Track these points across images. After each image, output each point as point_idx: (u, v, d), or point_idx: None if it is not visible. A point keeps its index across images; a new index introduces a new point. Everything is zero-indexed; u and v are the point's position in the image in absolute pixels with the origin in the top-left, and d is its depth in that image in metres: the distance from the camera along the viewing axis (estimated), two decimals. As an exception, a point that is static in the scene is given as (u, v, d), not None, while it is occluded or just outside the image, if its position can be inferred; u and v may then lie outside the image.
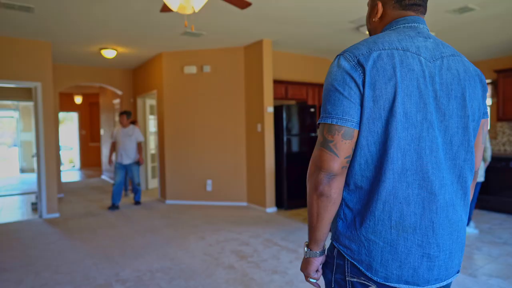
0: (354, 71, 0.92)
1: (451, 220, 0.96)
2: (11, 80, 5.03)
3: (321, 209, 0.97)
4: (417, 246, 0.93)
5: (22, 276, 3.13)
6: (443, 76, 0.96)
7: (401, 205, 0.92)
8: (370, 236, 0.94)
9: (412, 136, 0.91)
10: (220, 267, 3.26)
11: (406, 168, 0.92)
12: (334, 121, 0.93)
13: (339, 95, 0.93)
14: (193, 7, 2.74)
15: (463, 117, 0.97)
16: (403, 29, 1.01)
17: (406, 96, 0.91)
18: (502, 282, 2.90)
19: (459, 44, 5.32)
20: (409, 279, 0.93)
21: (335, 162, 0.93)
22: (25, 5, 3.75)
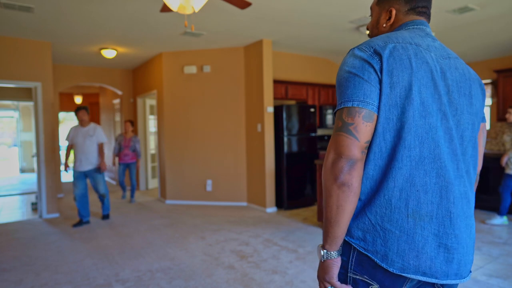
0: (371, 59, 0.92)
1: (465, 213, 0.95)
2: (11, 80, 5.03)
3: (342, 200, 0.90)
4: (434, 236, 0.90)
5: (22, 276, 3.13)
6: (452, 73, 0.98)
7: (418, 192, 0.90)
8: (386, 225, 0.91)
9: (430, 125, 0.91)
10: (220, 267, 3.26)
11: (424, 156, 0.91)
12: (356, 104, 0.90)
13: (359, 79, 0.92)
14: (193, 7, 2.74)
15: (471, 114, 0.99)
16: (413, 30, 1.04)
17: (423, 85, 0.91)
18: (502, 282, 2.90)
19: (459, 44, 5.32)
20: (427, 270, 0.90)
21: (355, 146, 0.89)
22: (25, 5, 3.75)
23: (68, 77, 7.09)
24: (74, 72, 7.14)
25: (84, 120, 4.83)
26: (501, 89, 5.64)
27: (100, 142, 4.92)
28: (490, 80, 6.07)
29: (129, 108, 7.79)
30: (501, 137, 6.02)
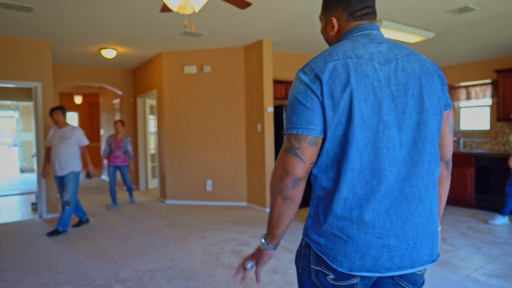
0: (313, 84, 1.00)
1: (415, 212, 1.02)
2: (11, 80, 5.03)
3: (285, 210, 1.05)
4: (377, 239, 0.99)
5: (22, 276, 3.13)
6: (398, 77, 1.02)
7: (360, 201, 0.99)
8: (335, 232, 1.01)
9: (368, 138, 0.98)
10: (220, 267, 3.26)
11: (364, 167, 0.99)
12: (300, 131, 1.01)
13: (302, 106, 1.01)
14: (193, 7, 2.74)
15: (422, 113, 1.03)
16: (357, 37, 1.08)
17: (362, 100, 0.98)
18: (502, 282, 2.90)
19: (459, 44, 5.32)
20: (371, 267, 1.00)
21: (301, 167, 1.01)
22: (25, 5, 3.75)
23: (68, 77, 7.09)
24: (74, 72, 7.14)
25: (59, 121, 4.46)
26: (501, 89, 5.64)
27: (82, 144, 4.57)
28: (490, 80, 6.07)
29: (129, 108, 7.79)
30: (501, 137, 6.02)
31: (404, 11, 4.00)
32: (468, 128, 6.55)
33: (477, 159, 5.59)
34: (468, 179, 5.66)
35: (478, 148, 6.30)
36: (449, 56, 6.01)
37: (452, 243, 3.90)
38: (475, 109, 6.54)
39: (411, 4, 3.80)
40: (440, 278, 2.98)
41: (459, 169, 5.73)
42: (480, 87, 6.33)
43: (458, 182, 5.74)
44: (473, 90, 6.42)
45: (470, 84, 6.45)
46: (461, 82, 6.53)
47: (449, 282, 2.90)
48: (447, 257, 3.48)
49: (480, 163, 5.56)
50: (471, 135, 6.47)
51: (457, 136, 6.64)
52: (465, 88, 6.55)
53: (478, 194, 5.59)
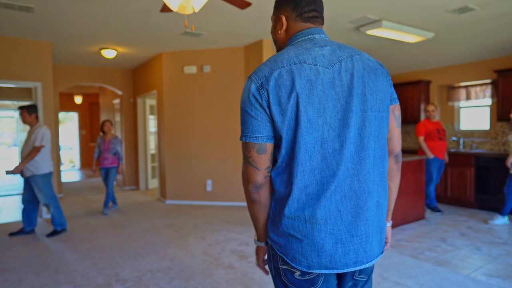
0: (257, 93, 1.05)
1: (364, 206, 1.07)
2: (11, 80, 5.03)
3: (256, 212, 1.15)
4: (330, 235, 1.04)
5: (22, 276, 3.13)
6: (342, 78, 1.06)
7: (312, 200, 1.04)
8: (290, 231, 1.07)
9: (315, 139, 1.03)
10: (220, 267, 3.26)
11: (314, 168, 1.04)
12: (248, 139, 1.07)
13: (248, 115, 1.07)
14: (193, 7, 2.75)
15: (365, 111, 1.07)
16: (300, 43, 1.13)
17: (308, 104, 1.02)
18: (502, 282, 2.91)
19: (459, 44, 5.32)
20: (328, 264, 1.05)
21: (257, 174, 1.09)
22: (25, 5, 3.76)
23: (68, 77, 7.09)
24: (74, 72, 7.14)
25: (25, 122, 4.27)
26: (501, 89, 5.64)
27: (35, 145, 4.13)
28: (490, 80, 6.07)
29: (129, 108, 7.79)
30: (501, 137, 6.02)
31: (404, 11, 4.00)
32: (468, 128, 6.56)
33: (477, 159, 5.59)
34: (468, 179, 5.66)
35: (478, 148, 6.30)
36: (449, 56, 6.01)
37: (452, 243, 3.91)
38: (475, 109, 6.55)
39: (411, 4, 3.80)
40: (440, 278, 2.98)
41: (459, 169, 5.74)
42: (480, 87, 6.33)
43: (458, 182, 5.74)
44: (473, 90, 6.42)
45: (470, 84, 6.45)
46: (461, 82, 6.53)
47: (449, 282, 2.90)
48: (447, 257, 3.48)
49: (480, 163, 5.56)
50: (470, 135, 6.47)
51: (456, 136, 6.65)
52: (465, 88, 6.55)
53: (478, 194, 5.59)
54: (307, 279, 1.09)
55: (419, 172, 4.86)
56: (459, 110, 6.78)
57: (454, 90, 6.73)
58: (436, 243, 3.91)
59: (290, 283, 1.12)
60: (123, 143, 7.80)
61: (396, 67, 7.04)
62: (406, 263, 3.32)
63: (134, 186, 7.92)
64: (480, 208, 5.56)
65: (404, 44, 5.32)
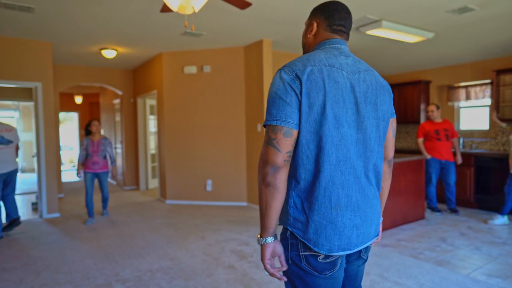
0: (293, 83, 1.14)
1: (369, 196, 1.24)
2: (11, 80, 5.04)
3: (269, 197, 1.16)
4: (349, 220, 1.18)
5: (22, 276, 3.13)
6: (360, 86, 1.21)
7: (337, 189, 1.16)
8: (316, 218, 1.16)
9: (342, 134, 1.16)
10: (220, 267, 3.26)
11: (339, 160, 1.16)
12: (278, 123, 1.14)
13: (281, 101, 1.14)
14: (193, 7, 2.75)
15: (376, 118, 1.24)
16: (329, 49, 1.27)
17: (334, 103, 1.15)
18: (501, 282, 2.91)
19: (459, 44, 5.32)
20: (345, 246, 1.18)
21: (278, 156, 1.14)
22: (26, 5, 3.76)
23: (68, 77, 7.09)
24: (74, 72, 7.14)
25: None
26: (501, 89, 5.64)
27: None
28: (489, 80, 6.07)
29: (129, 108, 7.79)
30: (501, 137, 6.03)
31: (404, 11, 4.01)
32: (468, 128, 6.56)
33: (476, 159, 5.59)
34: (468, 179, 5.66)
35: (478, 148, 6.31)
36: (449, 56, 6.01)
37: (452, 243, 3.91)
38: (474, 109, 6.55)
39: (410, 4, 3.81)
40: (440, 278, 2.99)
41: (459, 169, 5.74)
42: (480, 87, 6.34)
43: (458, 182, 5.74)
44: (473, 90, 6.42)
45: (470, 84, 6.45)
46: (461, 82, 6.53)
47: (449, 281, 2.91)
48: (447, 257, 3.48)
49: (479, 163, 5.56)
50: (470, 135, 6.47)
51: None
52: (464, 88, 6.55)
53: (477, 194, 5.59)
54: (330, 261, 1.19)
55: (419, 172, 4.87)
56: (459, 110, 6.78)
57: (454, 90, 6.74)
58: (436, 243, 3.91)
59: (312, 268, 1.19)
60: (123, 143, 7.81)
61: (396, 67, 7.04)
62: (406, 263, 3.33)
63: (134, 186, 7.92)
64: (480, 208, 5.57)
65: (404, 44, 5.32)
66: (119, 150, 8.18)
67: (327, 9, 1.32)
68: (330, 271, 1.21)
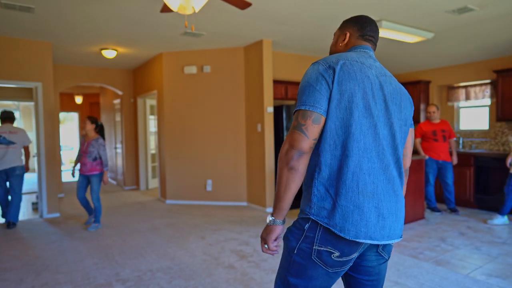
0: (325, 72, 1.21)
1: (396, 191, 1.24)
2: (11, 80, 5.04)
3: (290, 180, 1.19)
4: (375, 208, 1.18)
5: (22, 276, 3.14)
6: (388, 87, 1.28)
7: (364, 175, 1.18)
8: (343, 202, 1.17)
9: (370, 123, 1.20)
10: (220, 267, 3.27)
11: (367, 147, 1.19)
12: (308, 108, 1.19)
13: (313, 89, 1.20)
14: (193, 7, 2.75)
15: (400, 119, 1.29)
16: (359, 52, 1.35)
17: (365, 94, 1.20)
18: (501, 281, 2.91)
19: (459, 44, 5.32)
20: (372, 234, 1.17)
21: (305, 142, 1.18)
22: (26, 5, 3.76)
23: (69, 77, 7.10)
24: (75, 72, 7.15)
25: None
26: (501, 89, 5.65)
27: None
28: (489, 80, 6.08)
29: (129, 108, 7.79)
30: (501, 137, 6.03)
31: (404, 11, 4.01)
32: (468, 128, 6.56)
33: (476, 159, 5.59)
34: (468, 179, 5.66)
35: (478, 148, 6.31)
36: (449, 56, 6.01)
37: (452, 243, 3.91)
38: (474, 109, 6.55)
39: (411, 4, 3.81)
40: (439, 277, 2.99)
41: (459, 169, 5.74)
42: (479, 87, 6.34)
43: (457, 182, 5.75)
44: (473, 90, 6.43)
45: (470, 84, 6.46)
46: (460, 82, 6.53)
47: (448, 281, 2.91)
48: (447, 257, 3.49)
49: (479, 163, 5.56)
50: (470, 135, 6.48)
51: (456, 136, 6.65)
52: (464, 88, 6.56)
53: (477, 194, 5.59)
54: (342, 260, 1.20)
55: (419, 172, 4.87)
56: (459, 110, 6.79)
57: (453, 90, 6.74)
58: (435, 243, 3.92)
59: (323, 263, 1.20)
60: (123, 143, 7.81)
61: (396, 67, 7.04)
62: (405, 262, 3.33)
63: (135, 186, 7.92)
64: (479, 208, 5.57)
65: (404, 44, 5.33)
66: (119, 150, 8.19)
67: (360, 21, 1.42)
68: (338, 268, 1.22)
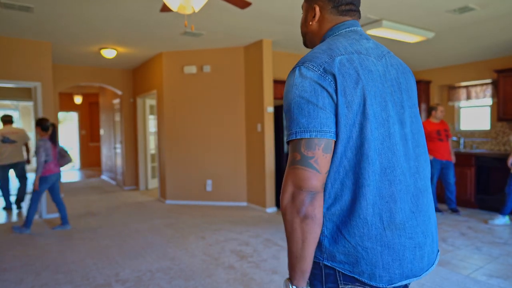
0: (323, 80, 0.90)
1: (426, 204, 0.99)
2: (11, 80, 5.03)
3: (307, 233, 0.89)
4: (409, 240, 0.93)
5: (22, 276, 3.13)
6: (390, 72, 1.00)
7: (388, 204, 0.92)
8: (367, 244, 0.91)
9: (383, 135, 0.92)
10: (220, 267, 3.26)
11: (385, 167, 0.92)
12: (314, 135, 0.88)
13: (313, 106, 0.89)
14: (193, 7, 2.74)
15: (412, 106, 1.03)
16: (347, 33, 1.03)
17: (373, 97, 0.92)
18: (502, 282, 2.90)
19: (459, 44, 5.31)
20: (409, 273, 0.93)
21: (317, 179, 0.88)
22: (25, 5, 3.75)
23: (68, 77, 7.08)
24: (74, 72, 7.14)
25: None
26: (501, 89, 5.64)
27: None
28: (490, 80, 6.07)
29: (129, 108, 7.78)
30: (502, 137, 6.02)
31: (404, 11, 4.00)
32: (468, 128, 6.55)
33: (477, 159, 5.58)
34: (468, 179, 5.65)
35: (478, 148, 6.30)
36: (449, 56, 6.00)
37: (452, 243, 3.90)
38: (475, 109, 6.54)
39: (411, 4, 3.80)
40: (440, 278, 2.98)
41: (460, 169, 5.73)
42: (480, 87, 6.33)
43: (458, 182, 5.74)
44: (473, 90, 6.42)
45: (470, 84, 6.45)
46: (461, 82, 6.52)
47: (449, 282, 2.90)
48: (447, 257, 3.48)
49: (480, 163, 5.55)
50: (471, 135, 6.47)
51: (457, 136, 6.64)
52: (465, 88, 6.55)
53: (478, 194, 5.58)
54: None
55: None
56: (459, 110, 6.78)
57: (454, 90, 6.73)
58: (436, 243, 3.91)
59: None
60: (123, 143, 7.80)
61: (396, 67, 7.03)
62: (406, 263, 3.32)
63: (134, 186, 7.91)
64: (480, 208, 5.56)
65: (404, 44, 5.32)
66: (118, 150, 8.18)
67: None
68: None
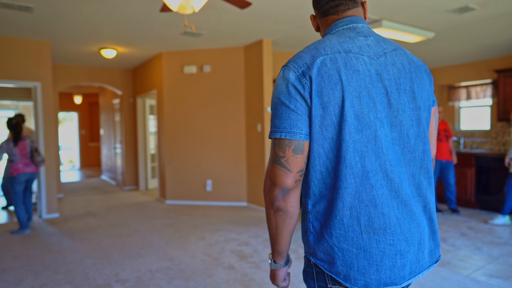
0: (298, 83, 0.92)
1: (416, 211, 0.97)
2: (10, 80, 5.02)
3: (279, 223, 0.99)
4: (390, 246, 0.93)
5: (21, 276, 3.12)
6: (390, 71, 0.97)
7: (367, 208, 0.92)
8: (343, 245, 0.93)
9: (368, 137, 0.92)
10: (220, 267, 3.25)
11: (367, 170, 0.92)
12: (283, 135, 0.93)
13: (285, 108, 0.93)
14: (193, 7, 2.74)
15: (415, 109, 0.98)
16: (342, 31, 1.03)
17: (355, 98, 0.91)
18: (502, 282, 2.90)
19: (459, 44, 5.31)
20: (387, 280, 0.93)
21: (288, 177, 0.94)
22: (25, 5, 3.75)
23: (68, 77, 7.08)
24: (74, 72, 7.13)
25: None
26: (501, 89, 5.64)
27: None
28: (490, 80, 6.07)
29: (129, 108, 7.78)
30: (502, 137, 6.02)
31: (404, 11, 4.00)
32: (468, 128, 6.55)
33: (477, 159, 5.58)
34: (469, 179, 5.65)
35: (478, 148, 6.30)
36: (449, 56, 6.00)
37: (453, 243, 3.90)
38: (475, 109, 6.54)
39: (411, 4, 3.80)
40: (440, 278, 2.98)
41: (460, 169, 5.73)
42: (480, 87, 6.33)
43: (458, 182, 5.74)
44: (473, 90, 6.42)
45: (470, 84, 6.45)
46: (461, 82, 6.52)
47: (449, 282, 2.90)
48: (448, 257, 3.47)
49: (480, 163, 5.55)
50: (471, 135, 6.47)
51: (457, 136, 6.64)
52: (465, 88, 6.54)
53: (478, 194, 5.58)
54: None
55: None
56: (460, 110, 6.78)
57: (454, 90, 6.73)
58: (436, 243, 3.90)
59: None
60: (123, 143, 7.80)
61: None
62: (406, 263, 3.32)
63: (134, 186, 7.91)
64: (480, 208, 5.56)
65: (405, 44, 5.31)
66: (118, 150, 8.17)
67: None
68: None
